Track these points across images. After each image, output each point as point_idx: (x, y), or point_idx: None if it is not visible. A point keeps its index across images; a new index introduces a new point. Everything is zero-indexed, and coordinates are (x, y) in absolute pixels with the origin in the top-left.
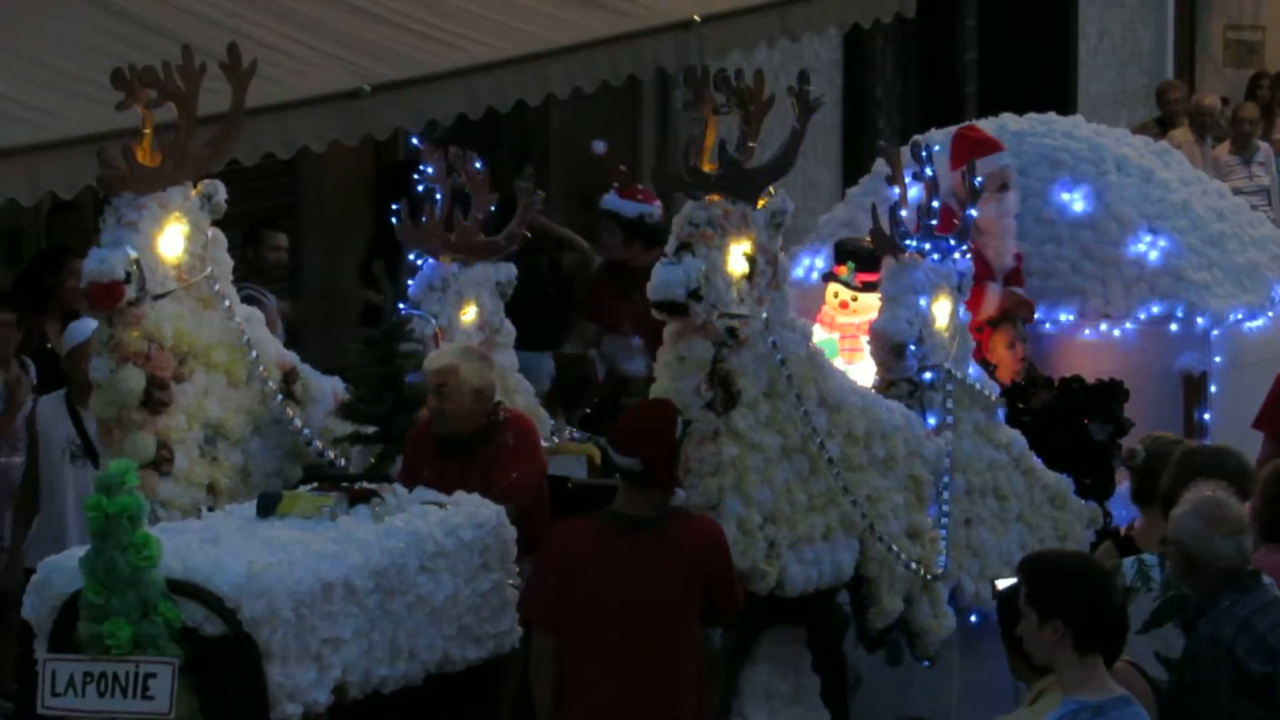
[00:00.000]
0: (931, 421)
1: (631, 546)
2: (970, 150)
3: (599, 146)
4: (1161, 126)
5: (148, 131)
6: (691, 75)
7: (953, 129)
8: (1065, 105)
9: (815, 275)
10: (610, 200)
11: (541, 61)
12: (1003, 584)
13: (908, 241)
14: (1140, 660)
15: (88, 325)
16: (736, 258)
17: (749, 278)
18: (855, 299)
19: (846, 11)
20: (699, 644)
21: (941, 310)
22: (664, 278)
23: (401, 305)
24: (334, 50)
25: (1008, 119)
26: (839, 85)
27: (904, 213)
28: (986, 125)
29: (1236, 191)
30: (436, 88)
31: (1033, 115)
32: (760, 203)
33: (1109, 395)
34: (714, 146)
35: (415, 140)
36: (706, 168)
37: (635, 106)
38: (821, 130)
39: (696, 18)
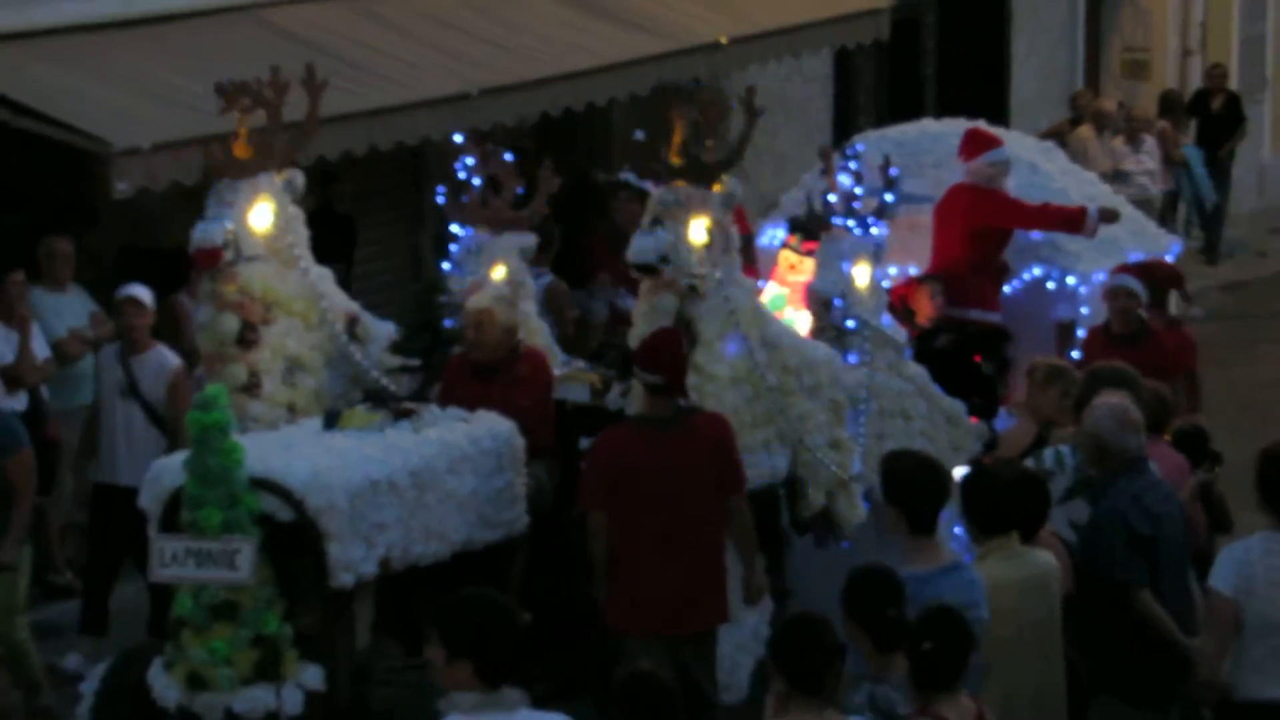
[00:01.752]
0: (853, 359)
1: (663, 440)
2: (979, 145)
3: (638, 135)
4: (1073, 124)
5: (243, 130)
6: (657, 90)
7: (882, 131)
8: (1001, 107)
9: (776, 243)
10: (629, 175)
11: (604, 73)
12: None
13: (835, 219)
14: (1058, 527)
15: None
16: (697, 230)
17: (707, 246)
18: (801, 262)
19: (837, 36)
20: (720, 516)
21: (861, 273)
22: (639, 245)
23: (445, 265)
24: (446, 62)
25: (927, 123)
26: (830, 92)
27: (833, 198)
28: (908, 129)
29: (1127, 173)
30: (526, 92)
31: (946, 120)
32: (716, 187)
33: (996, 338)
34: (680, 144)
35: (459, 137)
36: (674, 160)
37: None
38: (816, 124)
39: (724, 40)
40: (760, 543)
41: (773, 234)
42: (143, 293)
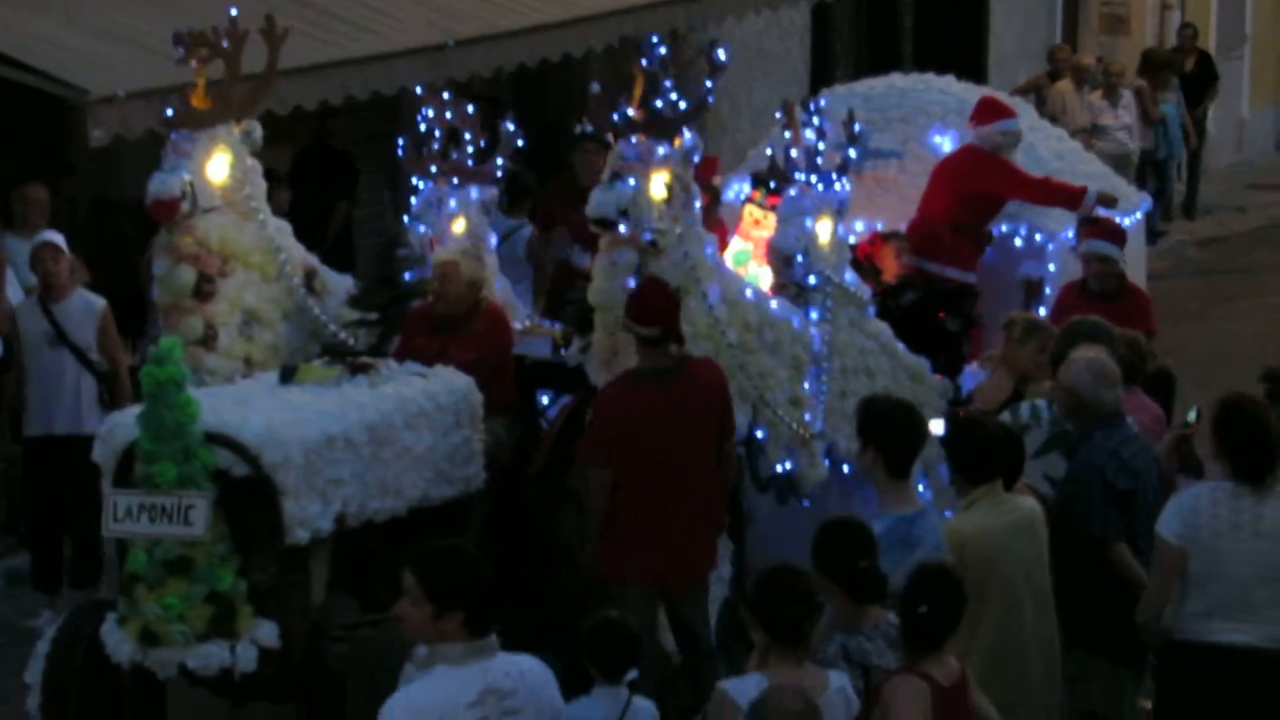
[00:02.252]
0: (814, 316)
1: (667, 392)
2: (993, 112)
3: (595, 87)
4: (1051, 78)
5: (200, 81)
6: (624, 43)
7: (850, 86)
8: (979, 61)
9: (741, 197)
10: (588, 128)
11: (580, 24)
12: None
13: (797, 174)
14: (1033, 480)
15: (48, 234)
16: (657, 185)
17: (667, 201)
18: (766, 217)
19: None
20: (717, 461)
21: (824, 229)
22: (599, 199)
23: (405, 218)
24: (423, 12)
25: (895, 78)
26: (808, 45)
27: (795, 153)
28: (876, 83)
29: (1105, 128)
30: (503, 43)
31: (914, 75)
32: (676, 142)
33: (961, 296)
34: (641, 96)
35: (419, 88)
36: (635, 113)
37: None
38: (793, 76)
39: None
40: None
41: (738, 188)
42: (58, 238)
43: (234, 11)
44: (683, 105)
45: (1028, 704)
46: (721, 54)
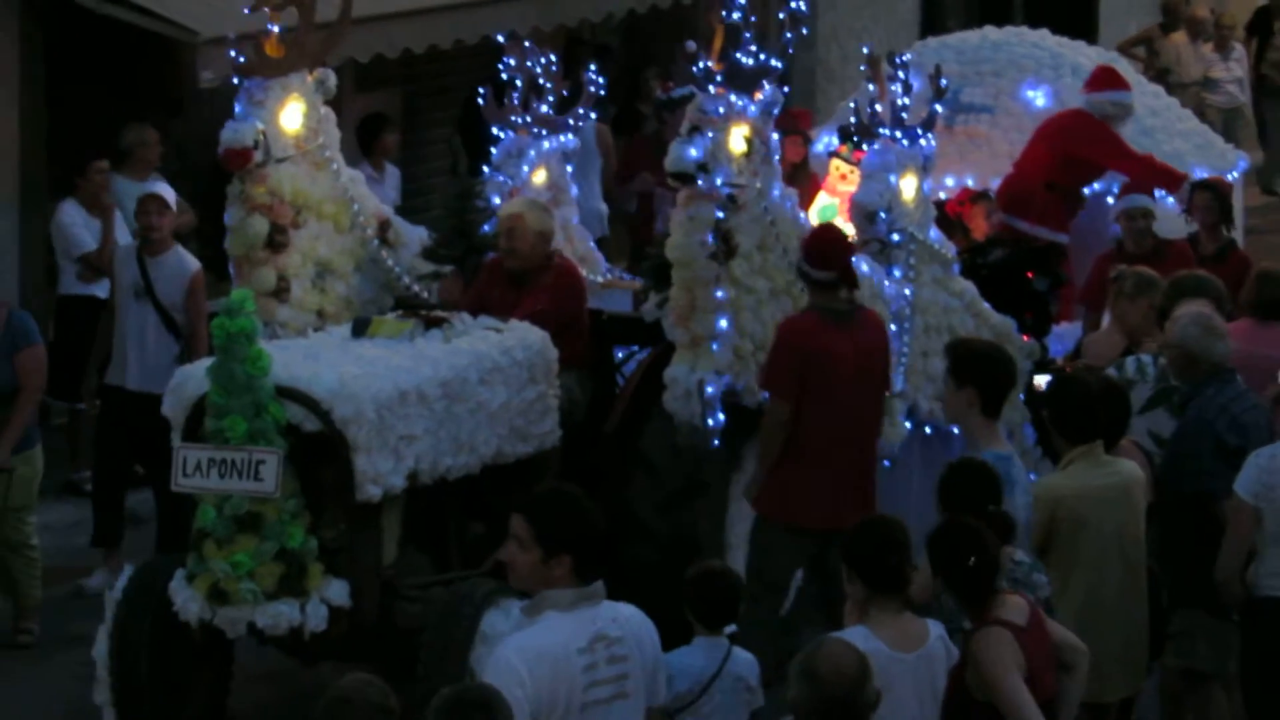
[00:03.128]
0: (897, 274)
1: (847, 331)
2: (1107, 82)
3: (690, 46)
4: (1164, 30)
5: (275, 29)
6: None
7: (942, 39)
8: (1090, 11)
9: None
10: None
11: None
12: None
13: (882, 130)
14: (1138, 436)
15: (146, 186)
16: (736, 139)
17: (747, 155)
18: (852, 172)
19: None
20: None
21: (908, 185)
22: (677, 153)
23: (485, 169)
24: None
25: (989, 31)
26: None
27: (879, 107)
28: (969, 36)
29: (1216, 80)
30: None
31: (1009, 28)
32: (756, 95)
33: (1049, 254)
34: (720, 49)
35: (501, 37)
36: (715, 66)
37: (764, 5)
38: (903, 24)
39: None
40: None
41: (827, 141)
42: (166, 190)
43: None
44: (763, 58)
45: (1114, 665)
46: (802, 4)
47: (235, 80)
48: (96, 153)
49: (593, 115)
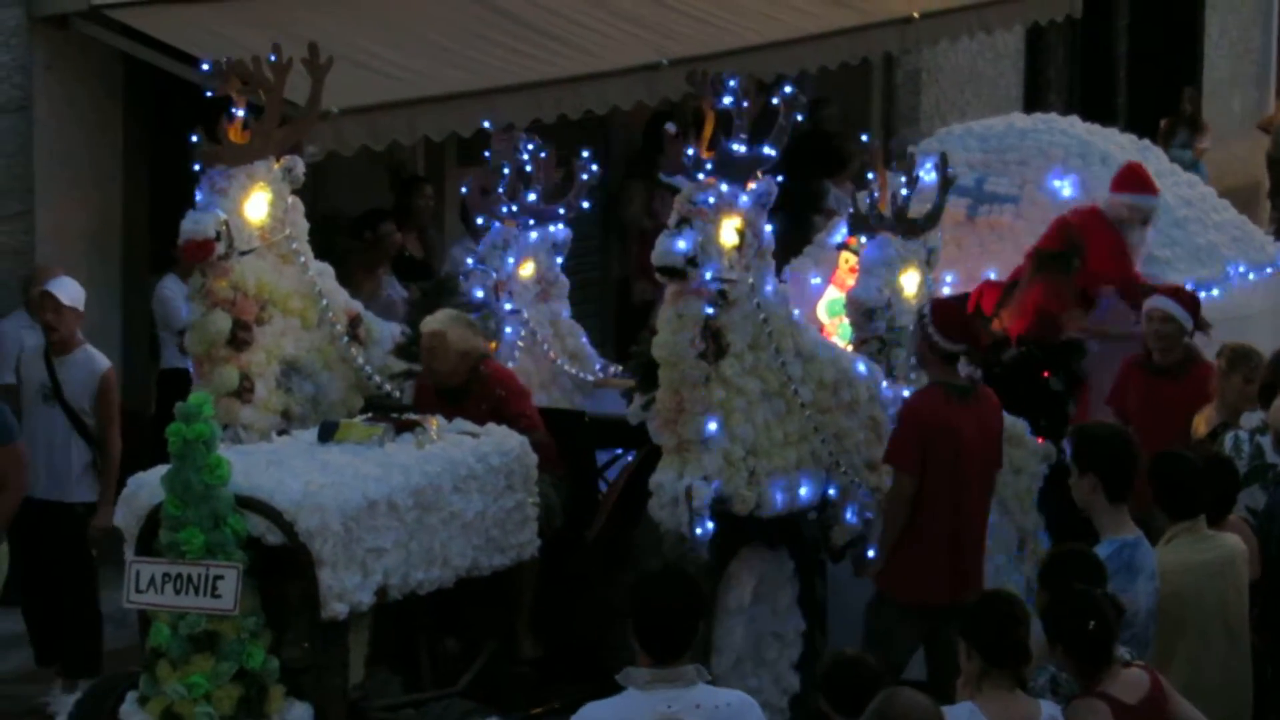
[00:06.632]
0: (896, 374)
1: (970, 407)
2: (1131, 183)
3: (670, 128)
4: None
5: (239, 114)
6: (692, 77)
7: (968, 125)
8: (1194, 85)
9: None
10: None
11: (795, 46)
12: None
13: (881, 222)
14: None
15: (54, 282)
16: (728, 231)
17: (738, 248)
18: None
19: (1028, 11)
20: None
21: (910, 280)
22: (665, 247)
23: (470, 260)
24: (636, 30)
25: (1016, 118)
26: (1021, 67)
27: (878, 197)
28: (995, 123)
29: None
30: (716, 63)
31: (1036, 115)
32: (749, 185)
33: (1067, 352)
34: (711, 136)
35: (487, 124)
36: (705, 155)
37: (865, 81)
38: (1006, 99)
39: (916, 15)
40: (798, 567)
41: (843, 232)
42: (66, 288)
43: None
44: (757, 146)
45: None
46: (793, 89)
47: (196, 167)
48: None
49: (584, 204)
